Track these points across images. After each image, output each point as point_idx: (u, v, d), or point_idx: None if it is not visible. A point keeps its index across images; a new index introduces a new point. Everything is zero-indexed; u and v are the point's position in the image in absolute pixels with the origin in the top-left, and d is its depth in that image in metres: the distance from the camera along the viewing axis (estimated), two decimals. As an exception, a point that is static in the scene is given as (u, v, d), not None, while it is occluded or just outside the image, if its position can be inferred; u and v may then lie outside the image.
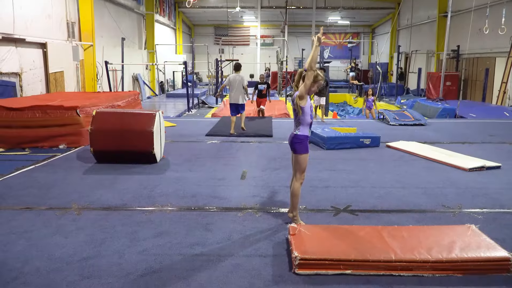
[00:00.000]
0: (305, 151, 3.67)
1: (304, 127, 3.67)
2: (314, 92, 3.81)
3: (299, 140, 3.66)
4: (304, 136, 3.66)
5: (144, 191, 4.76)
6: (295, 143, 3.68)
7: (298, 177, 3.73)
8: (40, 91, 11.45)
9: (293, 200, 3.76)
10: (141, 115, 6.31)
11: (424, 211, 4.20)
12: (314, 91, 3.70)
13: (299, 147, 3.66)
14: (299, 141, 3.66)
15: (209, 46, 23.68)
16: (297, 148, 3.67)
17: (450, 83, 17.14)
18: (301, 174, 3.73)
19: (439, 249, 3.03)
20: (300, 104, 3.60)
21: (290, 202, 3.81)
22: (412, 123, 10.05)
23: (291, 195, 3.77)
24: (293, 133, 3.73)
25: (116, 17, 17.29)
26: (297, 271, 2.89)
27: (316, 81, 3.61)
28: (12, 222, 3.84)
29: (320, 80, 3.65)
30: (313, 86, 3.61)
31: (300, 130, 3.67)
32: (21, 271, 2.93)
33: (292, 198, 3.77)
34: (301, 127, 3.67)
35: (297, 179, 3.74)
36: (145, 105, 15.50)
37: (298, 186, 3.73)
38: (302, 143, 3.66)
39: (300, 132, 3.67)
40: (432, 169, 5.82)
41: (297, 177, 3.74)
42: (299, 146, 3.66)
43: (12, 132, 7.10)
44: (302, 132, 3.67)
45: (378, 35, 31.93)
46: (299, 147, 3.66)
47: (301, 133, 3.67)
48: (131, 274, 2.90)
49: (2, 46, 9.82)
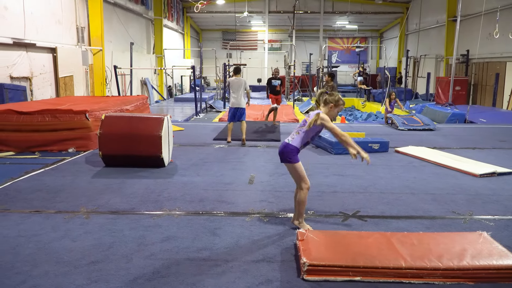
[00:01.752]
0: (296, 160, 3.59)
1: (300, 140, 3.59)
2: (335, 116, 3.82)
3: (289, 149, 3.58)
4: (295, 148, 3.58)
5: (152, 195, 4.77)
6: (286, 152, 3.59)
7: (303, 185, 3.67)
8: (50, 95, 11.57)
9: (300, 208, 3.71)
10: (150, 119, 6.33)
11: (434, 217, 4.15)
12: (335, 115, 3.72)
13: (291, 156, 3.57)
14: (289, 150, 3.57)
15: (217, 50, 23.80)
16: (288, 157, 3.58)
17: (459, 88, 17.00)
18: (304, 182, 3.65)
19: (450, 256, 2.98)
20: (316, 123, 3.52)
21: (296, 210, 3.76)
22: (421, 128, 9.98)
23: (298, 203, 3.71)
24: (285, 141, 3.66)
25: (125, 22, 17.45)
26: (305, 277, 2.86)
27: (338, 106, 3.62)
28: (21, 225, 3.86)
29: (341, 105, 3.65)
30: (334, 110, 3.62)
31: (295, 141, 3.59)
32: (30, 274, 2.94)
33: (298, 206, 3.71)
34: (297, 139, 3.60)
35: (302, 188, 3.67)
36: (153, 109, 15.58)
37: (303, 194, 3.67)
38: (292, 152, 3.57)
39: (292, 143, 3.59)
40: (442, 175, 5.76)
41: (302, 186, 3.67)
42: (290, 154, 3.57)
43: (22, 136, 7.16)
44: (295, 143, 3.58)
45: (386, 39, 31.84)
46: (291, 156, 3.57)
47: (293, 144, 3.59)
48: (138, 278, 2.90)
49: (13, 51, 9.95)
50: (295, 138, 3.62)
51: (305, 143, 3.64)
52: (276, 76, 10.65)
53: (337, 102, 3.58)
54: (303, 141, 3.61)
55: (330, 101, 3.60)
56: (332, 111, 3.62)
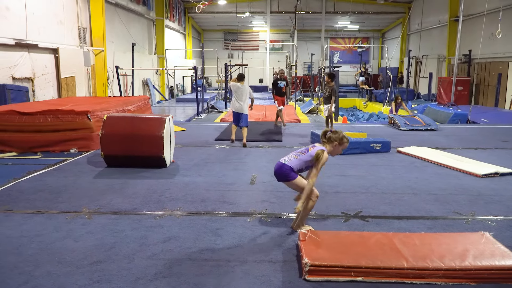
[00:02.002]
0: (294, 177, 3.60)
1: (296, 165, 3.59)
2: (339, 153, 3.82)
3: (285, 169, 3.59)
4: (290, 168, 3.58)
5: (153, 196, 4.78)
6: (282, 172, 3.61)
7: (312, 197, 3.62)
8: (52, 96, 11.60)
9: (304, 215, 3.70)
10: (151, 119, 6.34)
11: (436, 217, 4.14)
12: (340, 152, 3.75)
13: (287, 174, 3.59)
14: (285, 170, 3.59)
15: (218, 51, 23.80)
16: (285, 176, 3.60)
17: (461, 88, 16.97)
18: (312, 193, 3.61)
19: (452, 257, 2.98)
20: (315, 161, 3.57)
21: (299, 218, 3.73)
22: (423, 128, 9.97)
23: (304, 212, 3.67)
24: (280, 161, 3.67)
25: (126, 23, 17.48)
26: (307, 278, 2.86)
27: (342, 143, 3.65)
28: (23, 226, 3.87)
29: (345, 143, 3.68)
30: (338, 147, 3.65)
31: (292, 163, 3.60)
32: (32, 275, 2.95)
33: (303, 214, 3.69)
34: (294, 162, 3.60)
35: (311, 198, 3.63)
36: (155, 109, 15.59)
37: (312, 204, 3.65)
38: (288, 171, 3.58)
39: (289, 164, 3.60)
40: (444, 175, 5.75)
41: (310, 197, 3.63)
42: (286, 173, 3.58)
43: (24, 136, 7.18)
44: (291, 165, 3.59)
45: (388, 39, 31.80)
46: (287, 174, 3.59)
47: (289, 165, 3.59)
48: (140, 279, 2.90)
49: (15, 51, 9.98)
50: (292, 161, 3.63)
51: (300, 170, 3.65)
52: (281, 78, 10.62)
53: (341, 140, 3.62)
54: (299, 167, 3.62)
55: (334, 139, 3.63)
56: (337, 149, 3.66)
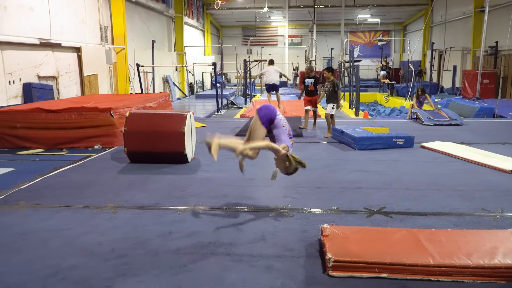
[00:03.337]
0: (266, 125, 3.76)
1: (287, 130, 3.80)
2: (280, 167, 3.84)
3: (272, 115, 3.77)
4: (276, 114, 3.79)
5: (176, 191, 4.83)
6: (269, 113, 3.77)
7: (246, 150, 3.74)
8: (76, 94, 11.84)
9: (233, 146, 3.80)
10: (173, 116, 6.40)
11: (462, 214, 4.05)
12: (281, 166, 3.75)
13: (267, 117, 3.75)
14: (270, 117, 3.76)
15: (237, 47, 23.81)
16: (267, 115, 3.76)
17: (487, 81, 16.47)
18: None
19: (479, 254, 2.91)
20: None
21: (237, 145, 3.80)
22: (447, 123, 9.74)
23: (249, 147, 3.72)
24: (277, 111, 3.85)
25: (146, 21, 17.66)
26: (330, 273, 2.84)
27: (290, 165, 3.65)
28: (50, 220, 3.97)
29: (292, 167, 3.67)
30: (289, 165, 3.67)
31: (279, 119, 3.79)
32: (60, 267, 3.02)
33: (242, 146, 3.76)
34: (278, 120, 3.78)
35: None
36: (176, 106, 15.73)
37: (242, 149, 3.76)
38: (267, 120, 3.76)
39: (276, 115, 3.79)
40: (470, 171, 5.61)
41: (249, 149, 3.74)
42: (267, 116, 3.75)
43: (50, 133, 7.37)
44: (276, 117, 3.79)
45: (410, 32, 31.15)
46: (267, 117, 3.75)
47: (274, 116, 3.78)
48: (164, 272, 2.94)
49: (40, 51, 10.22)
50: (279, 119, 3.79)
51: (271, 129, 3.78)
52: (310, 75, 9.25)
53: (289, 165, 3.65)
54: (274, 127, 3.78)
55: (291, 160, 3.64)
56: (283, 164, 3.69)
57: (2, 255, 3.24)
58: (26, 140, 7.37)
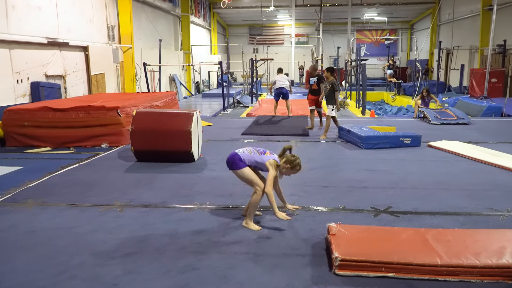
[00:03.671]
0: (241, 166, 3.65)
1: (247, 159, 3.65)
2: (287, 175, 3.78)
3: (236, 158, 3.66)
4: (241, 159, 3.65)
5: (182, 190, 4.84)
6: (231, 161, 3.69)
7: (256, 189, 3.65)
8: (83, 93, 11.92)
9: (251, 210, 3.71)
10: (179, 115, 6.42)
11: (469, 214, 4.02)
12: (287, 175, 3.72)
13: (237, 163, 3.65)
14: (236, 159, 3.66)
15: (243, 46, 23.79)
16: (233, 164, 3.67)
17: (495, 80, 16.31)
18: (256, 186, 3.64)
19: (487, 254, 2.89)
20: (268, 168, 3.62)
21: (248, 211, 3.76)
22: (454, 122, 9.67)
23: (250, 205, 3.71)
24: (235, 151, 3.74)
25: (153, 20, 17.72)
26: (337, 272, 2.84)
27: (293, 169, 3.62)
28: (58, 218, 4.01)
29: (297, 170, 3.65)
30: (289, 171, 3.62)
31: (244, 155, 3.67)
32: (68, 265, 3.05)
33: (250, 208, 3.72)
34: (247, 155, 3.67)
35: (256, 191, 3.66)
36: (182, 105, 15.76)
37: (256, 197, 3.65)
38: (237, 161, 3.65)
39: (241, 155, 3.67)
40: (477, 170, 5.57)
41: (255, 189, 3.66)
42: (237, 162, 3.65)
43: (58, 132, 7.42)
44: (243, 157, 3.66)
45: (417, 31, 30.95)
46: (237, 163, 3.65)
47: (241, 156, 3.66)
48: (171, 271, 2.95)
49: (48, 50, 10.29)
50: (245, 154, 3.68)
51: (249, 166, 3.68)
52: (313, 74, 9.16)
53: (293, 165, 3.60)
54: (248, 163, 3.67)
55: (289, 161, 3.61)
56: (287, 171, 3.64)
57: (11, 253, 3.27)
58: (34, 138, 7.44)
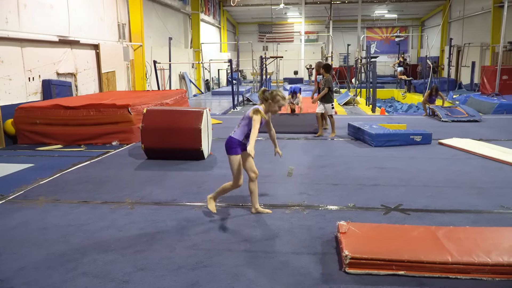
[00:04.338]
0: (234, 153, 3.79)
1: (240, 133, 3.79)
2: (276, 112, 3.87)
3: (231, 142, 3.80)
4: (237, 140, 3.79)
5: (192, 187, 4.87)
6: (228, 144, 3.82)
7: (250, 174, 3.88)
8: (94, 90, 12.02)
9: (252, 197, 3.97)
10: (189, 113, 6.45)
11: (480, 211, 3.99)
12: (276, 110, 3.80)
13: (230, 148, 3.80)
14: (231, 143, 3.80)
15: (253, 43, 23.76)
16: (229, 147, 3.81)
17: (507, 77, 16.06)
18: (235, 176, 3.84)
19: (499, 252, 2.86)
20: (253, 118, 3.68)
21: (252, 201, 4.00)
22: (465, 119, 9.57)
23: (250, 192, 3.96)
24: (229, 135, 3.86)
25: (163, 18, 17.78)
26: (347, 270, 2.83)
27: (276, 101, 3.73)
28: (70, 215, 4.06)
29: (280, 100, 3.74)
30: (273, 105, 3.73)
31: (236, 134, 3.81)
32: (80, 262, 3.09)
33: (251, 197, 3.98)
34: (238, 132, 3.81)
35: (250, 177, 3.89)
36: (192, 103, 15.83)
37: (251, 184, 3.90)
38: (232, 145, 3.79)
39: (234, 136, 3.81)
40: (489, 168, 5.51)
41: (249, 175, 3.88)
42: (231, 145, 3.80)
43: (69, 129, 7.51)
44: (236, 136, 3.80)
45: (427, 28, 30.62)
46: (230, 148, 3.80)
47: (235, 137, 3.80)
48: (182, 268, 2.98)
49: (59, 48, 10.39)
50: (236, 131, 3.83)
51: (246, 135, 3.80)
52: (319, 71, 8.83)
53: (274, 98, 3.72)
54: (244, 134, 3.80)
55: (267, 97, 3.75)
56: (272, 107, 3.76)
57: (23, 249, 3.32)
58: (45, 136, 7.53)
